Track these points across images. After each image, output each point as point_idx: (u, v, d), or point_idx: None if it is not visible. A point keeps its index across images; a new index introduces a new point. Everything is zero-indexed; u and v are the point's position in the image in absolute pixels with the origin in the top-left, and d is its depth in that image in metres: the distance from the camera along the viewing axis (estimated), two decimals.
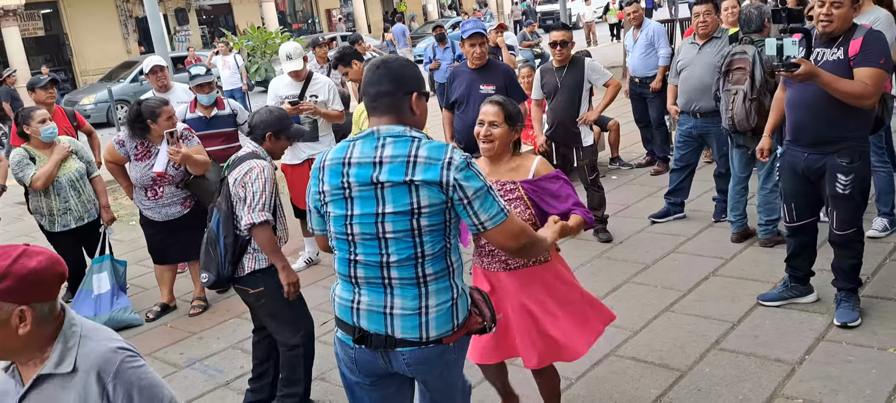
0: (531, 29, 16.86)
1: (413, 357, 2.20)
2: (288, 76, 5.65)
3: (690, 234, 5.43)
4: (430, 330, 2.16)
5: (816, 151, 3.69)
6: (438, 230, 2.12)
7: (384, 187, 2.08)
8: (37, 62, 23.90)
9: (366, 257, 2.16)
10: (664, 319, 4.16)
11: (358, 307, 2.21)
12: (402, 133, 2.12)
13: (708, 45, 5.44)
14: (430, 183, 2.05)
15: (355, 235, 2.15)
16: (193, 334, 4.79)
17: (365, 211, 2.12)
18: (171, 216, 4.86)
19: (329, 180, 2.17)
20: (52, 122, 4.93)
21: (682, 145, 5.70)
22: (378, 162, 2.10)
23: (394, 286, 2.15)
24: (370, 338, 2.20)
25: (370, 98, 2.19)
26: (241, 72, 14.78)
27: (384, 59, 2.25)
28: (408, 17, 35.12)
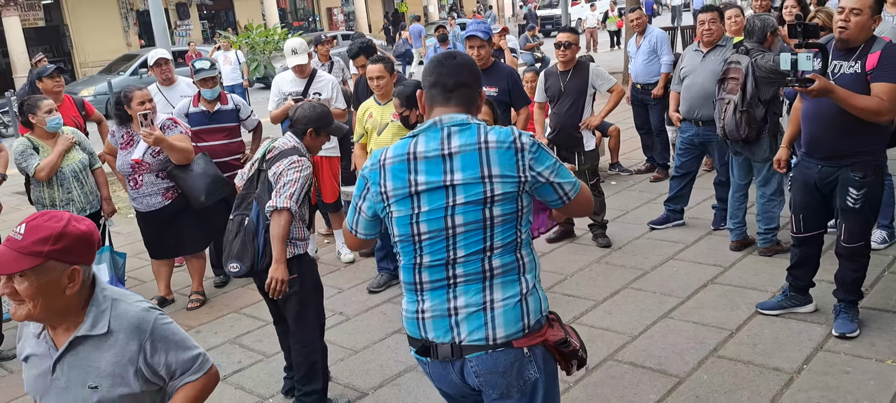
0: (532, 33, 16.94)
1: (481, 365, 2.02)
2: (292, 72, 5.65)
3: (689, 242, 5.44)
4: (496, 327, 2.00)
5: (830, 164, 3.68)
6: (510, 220, 2.02)
7: (455, 178, 2.00)
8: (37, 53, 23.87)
9: (431, 258, 2.04)
10: (662, 325, 4.16)
11: (422, 316, 2.08)
12: (465, 120, 2.05)
13: (712, 53, 5.45)
14: (505, 168, 1.99)
15: (422, 234, 2.04)
16: (191, 328, 4.78)
17: (434, 205, 2.01)
18: (152, 206, 4.82)
19: (393, 179, 2.05)
20: (57, 113, 4.91)
21: (683, 152, 5.71)
22: (447, 154, 2.01)
23: (458, 284, 2.03)
24: (436, 348, 2.05)
25: (446, 89, 2.08)
26: (242, 69, 14.78)
27: (454, 52, 2.21)
28: (409, 18, 35.13)
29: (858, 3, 3.43)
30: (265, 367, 4.14)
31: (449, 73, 2.10)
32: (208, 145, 5.25)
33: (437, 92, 2.10)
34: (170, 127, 4.77)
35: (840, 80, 3.52)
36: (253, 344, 4.45)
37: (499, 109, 5.05)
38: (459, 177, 1.99)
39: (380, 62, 4.97)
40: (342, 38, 22.19)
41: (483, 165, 1.98)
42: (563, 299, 4.60)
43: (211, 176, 4.81)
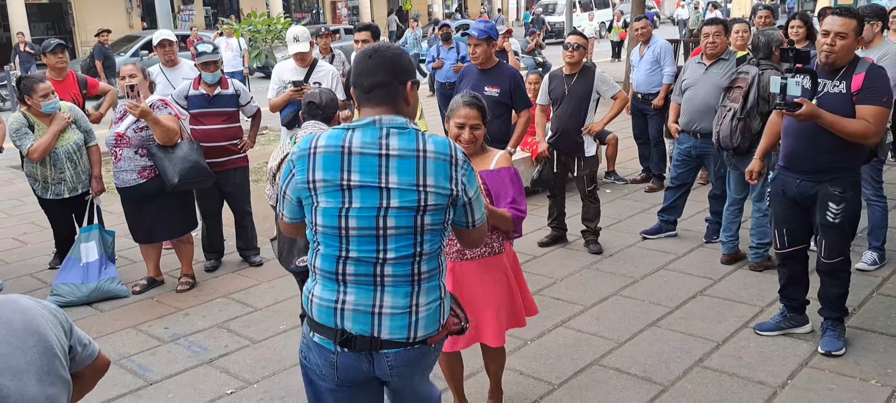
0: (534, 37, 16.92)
1: (398, 360, 2.13)
2: (293, 61, 5.66)
3: (681, 253, 5.46)
4: (418, 329, 2.10)
5: (809, 179, 3.72)
6: (438, 229, 2.08)
7: (390, 182, 2.00)
8: (39, 29, 23.80)
9: (359, 253, 2.04)
10: (650, 333, 4.18)
11: (343, 307, 2.09)
12: (404, 124, 2.05)
13: (715, 66, 5.46)
14: (439, 179, 2.02)
15: (350, 229, 2.03)
16: (179, 310, 4.77)
17: (366, 204, 2.01)
18: (127, 183, 4.79)
19: (322, 170, 2.03)
20: (54, 96, 4.89)
21: (679, 164, 5.72)
22: (384, 154, 2.01)
23: (386, 283, 2.06)
24: (354, 340, 2.09)
25: (363, 89, 2.08)
26: (244, 56, 14.76)
27: (375, 46, 2.13)
28: (412, 16, 35.12)
29: (843, 27, 3.51)
30: (252, 352, 4.14)
31: (362, 72, 2.08)
32: (206, 128, 5.25)
33: (358, 93, 2.10)
34: (159, 107, 4.77)
35: (825, 99, 3.57)
36: (241, 330, 4.45)
37: (499, 111, 5.09)
38: (395, 181, 2.00)
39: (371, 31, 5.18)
40: (345, 31, 22.18)
41: (419, 173, 2.00)
42: (552, 302, 4.61)
43: (191, 162, 4.73)
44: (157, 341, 4.34)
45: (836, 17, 3.53)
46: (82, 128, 5.11)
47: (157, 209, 4.88)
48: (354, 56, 2.17)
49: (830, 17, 3.56)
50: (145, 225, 4.96)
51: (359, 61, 2.11)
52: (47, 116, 4.92)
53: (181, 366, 4.01)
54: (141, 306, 4.87)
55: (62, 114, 4.92)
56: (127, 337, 4.39)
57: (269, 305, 4.79)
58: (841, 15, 3.52)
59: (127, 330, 4.50)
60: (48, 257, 5.78)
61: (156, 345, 4.28)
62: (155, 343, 4.30)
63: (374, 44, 2.21)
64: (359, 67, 2.10)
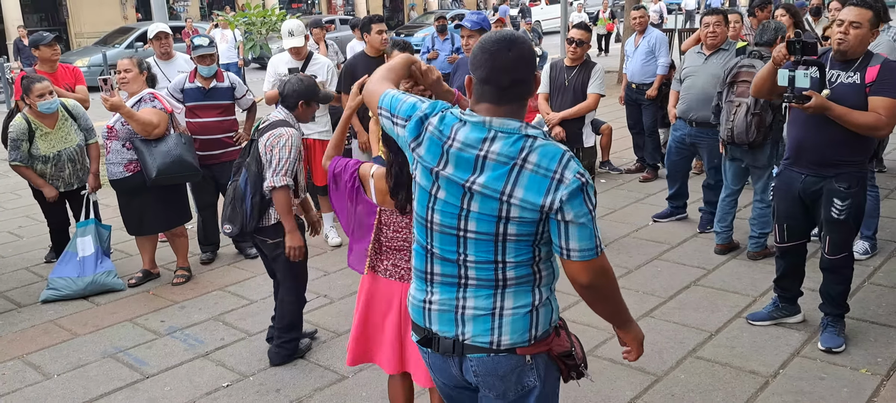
0: (528, 26, 16.86)
1: (481, 366, 1.98)
2: (288, 54, 5.65)
3: (675, 243, 5.49)
4: (502, 334, 1.94)
5: (815, 174, 3.69)
6: (527, 239, 1.89)
7: (477, 184, 1.87)
8: (32, 21, 23.67)
9: (442, 251, 1.96)
10: (643, 324, 4.20)
11: (430, 307, 2.03)
12: (516, 130, 1.86)
13: (714, 56, 5.50)
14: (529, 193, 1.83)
15: (434, 223, 1.96)
16: (175, 303, 4.79)
17: (450, 199, 1.91)
18: (115, 175, 4.81)
19: (428, 148, 1.94)
20: (52, 96, 4.90)
21: (673, 152, 5.78)
22: (482, 155, 1.87)
23: (469, 286, 1.96)
24: (438, 341, 2.01)
25: (500, 86, 1.87)
26: (239, 48, 14.72)
27: (512, 37, 1.89)
28: (408, 6, 35.02)
29: (858, 16, 3.47)
30: (248, 345, 4.16)
31: (504, 70, 1.86)
32: (202, 121, 5.26)
33: (490, 89, 1.88)
34: (147, 100, 4.77)
35: (838, 89, 3.55)
36: (236, 322, 4.46)
37: None
38: (481, 184, 1.86)
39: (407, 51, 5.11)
40: (340, 22, 22.11)
41: (508, 183, 1.84)
42: None
43: (173, 156, 4.69)
44: (154, 334, 4.35)
45: (852, 7, 3.49)
46: (83, 126, 5.11)
47: (145, 201, 4.89)
48: (481, 42, 1.92)
49: (847, 7, 3.53)
50: (134, 217, 4.98)
51: (494, 54, 1.86)
52: (47, 117, 4.94)
53: (177, 359, 4.03)
54: (137, 299, 4.88)
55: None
56: (123, 331, 4.41)
57: (265, 297, 4.81)
58: (857, 5, 3.48)
59: (123, 323, 4.52)
60: (44, 251, 5.79)
61: (152, 339, 4.29)
62: (151, 337, 4.32)
63: (505, 32, 1.92)
64: (497, 62, 1.86)
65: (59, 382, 3.85)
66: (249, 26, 14.45)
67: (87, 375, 3.90)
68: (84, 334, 4.38)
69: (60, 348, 4.22)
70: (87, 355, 4.12)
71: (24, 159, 4.94)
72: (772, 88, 3.89)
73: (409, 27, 27.43)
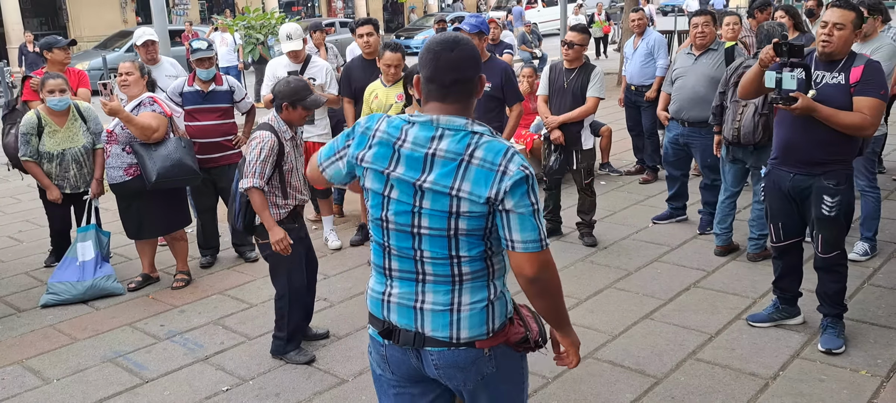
0: (528, 29, 16.85)
1: (442, 360, 2.04)
2: (286, 57, 5.65)
3: (674, 244, 5.48)
4: (461, 329, 2.01)
5: (803, 172, 3.72)
6: (478, 234, 1.96)
7: (426, 182, 1.93)
8: (32, 24, 23.70)
9: (399, 248, 2.03)
10: (643, 326, 4.20)
11: (389, 299, 2.08)
12: (462, 127, 1.93)
13: (704, 56, 5.56)
14: (477, 186, 1.89)
15: (390, 222, 2.01)
16: (175, 307, 4.79)
17: (403, 198, 1.98)
18: (115, 179, 4.83)
19: (376, 152, 2.00)
20: (63, 94, 4.91)
21: (670, 153, 5.82)
22: (430, 153, 1.94)
23: (427, 281, 2.02)
24: (398, 333, 2.07)
25: (443, 85, 1.95)
26: (239, 51, 14.74)
27: (455, 39, 1.97)
28: (407, 9, 35.05)
29: (841, 17, 3.54)
30: (247, 349, 4.16)
31: (447, 68, 1.94)
32: (201, 125, 5.26)
33: (434, 88, 1.97)
34: (147, 103, 4.78)
35: (823, 90, 3.59)
36: (236, 326, 4.46)
37: (491, 105, 5.10)
38: (431, 182, 1.93)
39: (398, 51, 5.26)
40: (340, 25, 22.14)
41: (456, 178, 1.90)
42: None
43: (173, 160, 4.69)
44: (153, 338, 4.35)
45: (836, 9, 3.55)
46: (92, 130, 5.11)
47: (145, 205, 4.89)
48: (427, 43, 2.00)
49: (830, 9, 3.59)
50: (133, 221, 4.98)
51: (438, 54, 1.94)
52: (57, 115, 4.94)
53: (177, 364, 4.03)
54: (136, 303, 4.88)
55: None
56: (123, 335, 4.41)
57: (265, 301, 4.80)
58: (840, 7, 3.55)
59: (123, 327, 4.51)
60: (44, 255, 5.79)
61: (152, 343, 4.29)
62: (151, 341, 4.32)
63: (448, 34, 2.00)
64: (440, 61, 1.94)
65: (59, 387, 3.85)
66: (249, 30, 14.46)
67: (86, 379, 3.90)
68: (84, 338, 4.38)
69: (60, 352, 4.22)
70: (87, 359, 4.12)
71: (33, 154, 4.93)
72: (758, 89, 3.96)
73: (408, 30, 27.48)
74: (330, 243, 5.79)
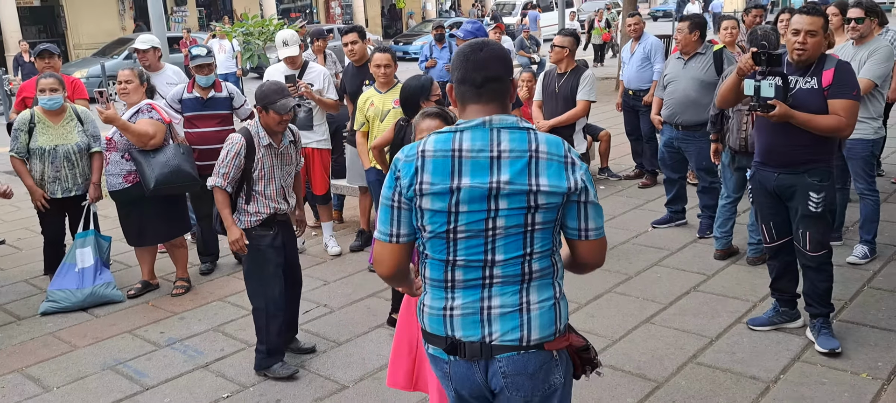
0: (526, 34, 16.86)
1: (511, 365, 1.97)
2: (284, 64, 5.66)
3: (674, 248, 5.49)
4: (531, 329, 1.97)
5: (787, 171, 3.79)
6: (550, 227, 1.97)
7: (502, 182, 1.92)
8: (30, 32, 23.72)
9: (467, 257, 1.97)
10: (643, 330, 4.20)
11: (451, 313, 2.01)
12: (516, 123, 1.96)
13: (692, 60, 5.65)
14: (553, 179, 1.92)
15: (458, 233, 1.95)
16: (175, 314, 4.78)
17: (476, 207, 1.93)
18: (114, 186, 4.84)
19: (432, 173, 1.93)
20: (55, 93, 4.91)
21: (666, 156, 5.86)
22: (495, 155, 1.92)
23: (494, 284, 1.97)
24: (464, 346, 1.99)
25: (474, 84, 1.97)
26: (237, 57, 14.76)
27: (484, 40, 2.03)
28: (406, 14, 35.10)
29: (812, 24, 3.61)
30: (247, 355, 4.14)
31: (476, 68, 1.97)
32: (200, 131, 5.26)
33: (467, 88, 1.98)
34: (145, 110, 4.78)
35: (798, 95, 3.67)
36: (236, 333, 4.46)
37: None
38: (506, 182, 1.91)
39: (387, 51, 5.22)
40: (338, 31, 22.18)
41: (531, 174, 1.92)
42: None
43: (171, 167, 4.69)
44: (153, 345, 4.34)
45: (805, 16, 3.62)
46: (89, 132, 5.09)
47: (144, 212, 4.89)
48: (458, 49, 2.04)
49: (798, 16, 3.66)
50: (133, 228, 4.97)
51: (467, 55, 1.99)
52: (52, 114, 4.94)
53: (177, 371, 4.02)
54: (136, 311, 4.87)
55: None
56: (122, 342, 4.40)
57: None
58: (808, 13, 3.62)
59: (122, 334, 4.51)
60: (42, 263, 5.76)
61: (151, 350, 4.29)
62: (150, 348, 4.31)
63: (478, 39, 2.06)
64: (469, 62, 1.98)
65: (59, 395, 3.84)
66: (247, 36, 14.49)
67: (86, 387, 3.89)
68: (83, 346, 4.38)
69: (60, 360, 4.21)
70: (87, 367, 4.11)
71: (20, 151, 4.89)
72: (736, 97, 4.02)
73: (407, 35, 27.53)
74: (330, 249, 5.79)
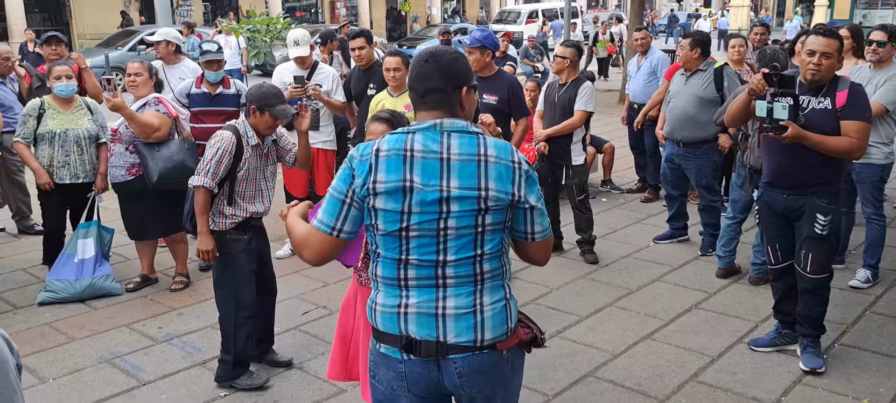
0: (531, 43, 16.85)
1: (466, 365, 2.04)
2: (293, 63, 5.65)
3: (676, 265, 5.47)
4: (484, 330, 2.03)
5: (796, 192, 3.78)
6: (499, 229, 2.04)
7: (452, 185, 1.97)
8: (35, 20, 23.71)
9: (420, 256, 2.01)
10: (644, 346, 4.19)
11: (405, 311, 2.04)
12: (466, 127, 2.02)
13: (693, 77, 5.64)
14: (501, 183, 1.99)
15: (410, 232, 1.99)
16: (173, 309, 4.75)
17: (427, 208, 1.98)
18: (116, 178, 4.83)
19: (385, 172, 1.98)
20: (67, 81, 4.90)
21: (668, 172, 5.86)
22: (445, 157, 1.98)
23: (448, 285, 2.02)
24: (419, 345, 2.03)
25: (418, 94, 2.06)
26: (242, 54, 14.74)
27: (432, 51, 2.10)
28: (410, 19, 35.14)
29: (828, 46, 3.62)
30: None
31: (418, 77, 2.06)
32: (207, 127, 5.23)
33: (413, 96, 2.08)
34: (152, 103, 4.78)
35: (810, 116, 3.66)
36: None
37: (497, 118, 5.09)
38: (456, 185, 1.97)
39: (397, 55, 5.19)
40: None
41: (480, 177, 1.98)
42: (547, 312, 4.61)
43: (175, 161, 4.65)
44: (151, 341, 4.32)
45: (820, 38, 3.62)
46: (98, 122, 5.09)
47: (146, 206, 4.87)
48: (412, 58, 2.16)
49: (813, 37, 3.66)
50: (134, 221, 4.95)
51: (415, 66, 2.08)
52: (63, 101, 4.93)
53: (175, 367, 3.99)
54: (134, 304, 4.85)
55: None
56: (120, 336, 4.37)
57: None
58: (824, 35, 3.62)
59: (120, 328, 4.48)
60: (41, 251, 5.73)
61: (149, 345, 4.26)
62: (148, 343, 4.28)
63: (433, 47, 2.16)
64: (414, 72, 2.07)
65: (55, 386, 3.81)
66: (254, 34, 14.48)
67: (82, 380, 3.86)
68: (81, 338, 4.35)
69: (56, 352, 4.18)
70: (84, 360, 4.08)
71: (27, 137, 4.88)
72: (746, 117, 4.01)
73: (411, 39, 27.53)
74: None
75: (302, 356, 4.10)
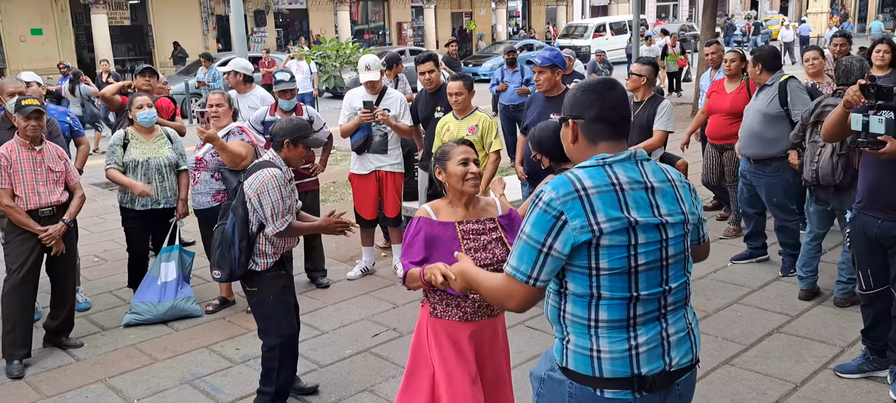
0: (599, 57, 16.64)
1: (686, 385, 2.12)
2: (363, 88, 5.75)
3: (755, 286, 5.28)
4: (697, 347, 2.13)
5: (892, 218, 3.56)
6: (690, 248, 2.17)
7: (663, 212, 2.01)
8: (120, 50, 24.96)
9: (647, 290, 1.99)
10: (723, 372, 4.05)
11: (637, 352, 1.99)
12: (647, 157, 2.11)
13: (761, 92, 5.43)
14: (690, 205, 2.11)
15: (639, 267, 1.97)
16: (250, 331, 4.87)
17: (650, 238, 1.98)
18: (202, 205, 5.01)
19: (604, 210, 1.93)
20: (148, 109, 5.15)
21: (743, 191, 5.68)
22: (650, 187, 2.02)
23: (668, 313, 2.05)
24: (653, 380, 2.00)
25: (611, 122, 2.05)
26: (313, 79, 15.13)
27: (614, 80, 2.16)
28: (476, 37, 35.33)
29: None
30: (318, 376, 4.19)
31: (612, 107, 2.05)
32: None
33: (603, 126, 2.04)
34: (235, 132, 4.93)
35: None
36: (308, 353, 4.51)
37: None
38: (666, 212, 2.03)
39: (460, 80, 5.25)
40: (410, 53, 22.47)
41: (679, 201, 2.07)
42: None
43: None
44: (229, 362, 4.44)
45: None
46: (177, 151, 5.32)
47: None
48: (584, 86, 2.10)
49: None
50: None
51: (601, 93, 2.05)
52: (145, 130, 5.18)
53: (251, 388, 4.08)
54: (213, 326, 5.00)
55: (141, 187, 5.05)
56: (200, 357, 4.52)
57: (336, 328, 4.86)
58: None
59: (200, 349, 4.63)
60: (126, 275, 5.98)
61: (227, 366, 4.38)
62: (226, 364, 4.41)
63: (602, 77, 2.16)
64: (606, 100, 2.04)
65: None
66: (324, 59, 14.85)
67: (165, 401, 4.01)
68: (163, 359, 4.51)
69: (140, 372, 4.35)
70: (166, 380, 4.23)
71: (117, 164, 5.12)
72: (844, 132, 3.82)
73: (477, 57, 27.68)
74: (399, 271, 5.81)
75: (372, 379, 4.14)
